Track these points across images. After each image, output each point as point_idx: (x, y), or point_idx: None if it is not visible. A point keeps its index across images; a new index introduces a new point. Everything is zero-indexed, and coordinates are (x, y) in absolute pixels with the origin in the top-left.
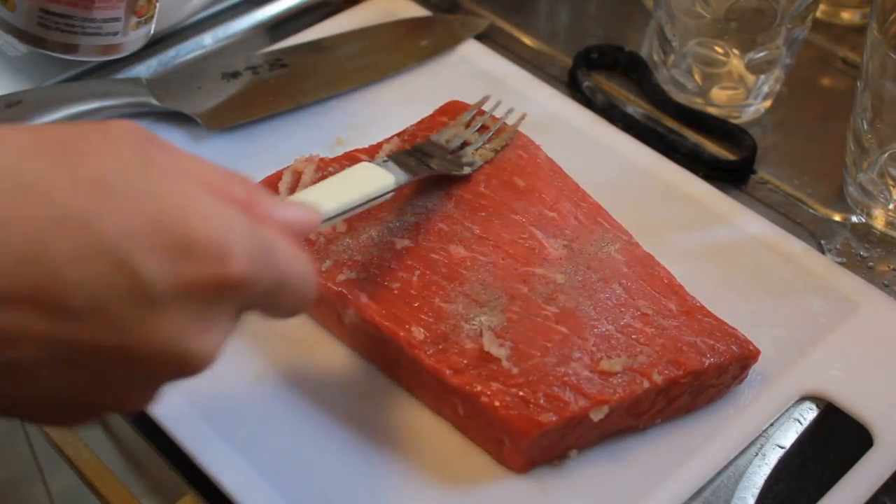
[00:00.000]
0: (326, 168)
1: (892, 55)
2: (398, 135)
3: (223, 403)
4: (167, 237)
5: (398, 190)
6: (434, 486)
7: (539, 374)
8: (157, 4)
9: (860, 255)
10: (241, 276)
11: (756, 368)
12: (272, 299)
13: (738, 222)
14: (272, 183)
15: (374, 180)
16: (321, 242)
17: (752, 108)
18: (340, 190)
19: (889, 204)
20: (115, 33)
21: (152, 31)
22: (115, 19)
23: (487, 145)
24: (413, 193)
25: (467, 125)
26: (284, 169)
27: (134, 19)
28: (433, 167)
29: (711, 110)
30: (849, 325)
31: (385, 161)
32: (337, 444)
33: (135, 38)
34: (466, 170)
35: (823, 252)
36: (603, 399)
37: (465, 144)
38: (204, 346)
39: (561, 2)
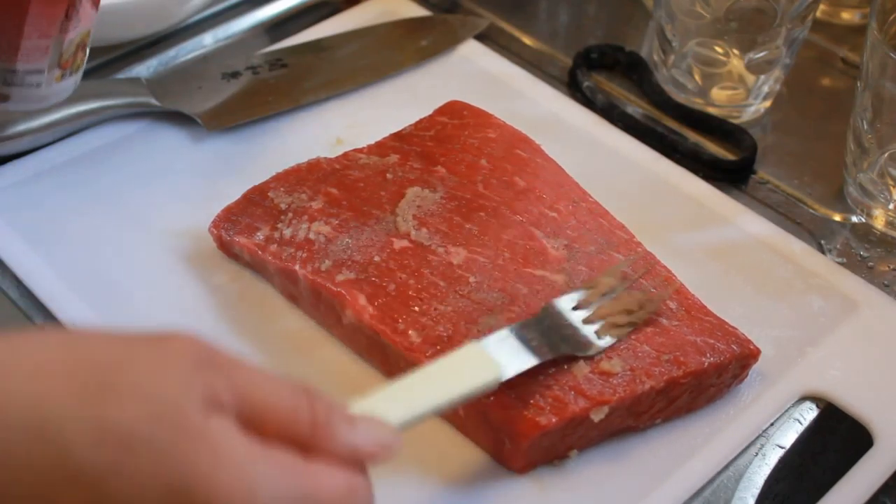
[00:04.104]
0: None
1: (892, 55)
2: (395, 134)
3: None
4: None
5: (394, 187)
6: (434, 486)
7: (539, 376)
8: (86, 56)
9: (860, 255)
10: None
11: (756, 368)
12: None
13: (738, 222)
14: (280, 179)
15: (477, 372)
16: (321, 242)
17: (752, 108)
18: (437, 384)
19: (889, 204)
20: (38, 85)
21: (80, 80)
22: (38, 71)
23: (624, 318)
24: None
25: (604, 292)
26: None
27: (58, 72)
28: (559, 349)
29: (711, 110)
30: (849, 325)
31: (505, 338)
32: None
33: (59, 89)
34: (593, 350)
35: (823, 252)
36: (603, 399)
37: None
38: None
39: (561, 2)
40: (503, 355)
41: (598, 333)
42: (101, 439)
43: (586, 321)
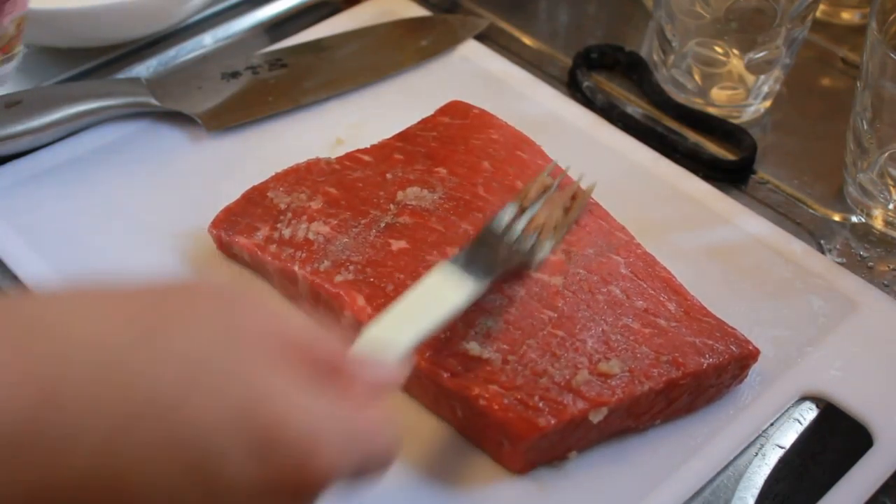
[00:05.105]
0: (329, 168)
1: (892, 55)
2: (398, 135)
3: None
4: (253, 431)
5: (394, 188)
6: (434, 486)
7: (537, 377)
8: (21, 42)
9: (860, 255)
10: (326, 471)
11: (756, 368)
12: (354, 478)
13: (738, 222)
14: (280, 179)
15: (449, 295)
16: (320, 242)
17: (752, 108)
18: (415, 312)
19: (889, 204)
20: None
21: (15, 68)
22: None
23: (557, 226)
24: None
25: (530, 197)
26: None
27: None
28: (501, 266)
29: (711, 110)
30: (849, 325)
31: (456, 261)
32: None
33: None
34: (536, 262)
35: (823, 252)
36: (601, 401)
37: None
38: None
39: (561, 2)
40: (466, 278)
41: (538, 242)
42: (160, 374)
43: (525, 231)
